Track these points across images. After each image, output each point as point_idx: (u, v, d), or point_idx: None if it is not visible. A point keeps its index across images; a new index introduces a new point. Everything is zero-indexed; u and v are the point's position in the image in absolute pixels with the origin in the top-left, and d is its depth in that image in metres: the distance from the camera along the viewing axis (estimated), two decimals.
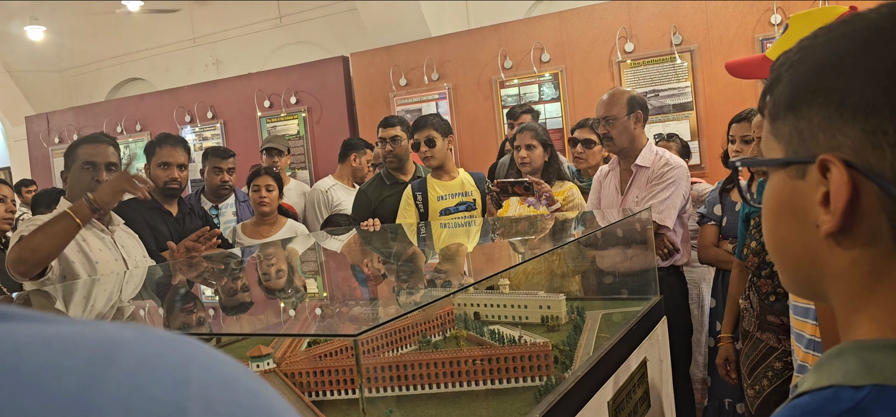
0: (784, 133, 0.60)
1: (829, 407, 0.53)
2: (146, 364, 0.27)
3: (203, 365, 0.28)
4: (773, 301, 2.32)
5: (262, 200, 3.39)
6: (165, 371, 0.27)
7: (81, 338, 0.27)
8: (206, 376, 0.28)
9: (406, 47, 5.69)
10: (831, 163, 0.55)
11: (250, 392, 0.29)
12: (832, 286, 0.60)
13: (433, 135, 3.23)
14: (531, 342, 1.96)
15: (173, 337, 0.30)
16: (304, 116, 6.12)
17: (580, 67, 5.14)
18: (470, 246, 2.82)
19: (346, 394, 1.70)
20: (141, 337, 0.29)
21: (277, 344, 1.94)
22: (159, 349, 0.28)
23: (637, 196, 2.88)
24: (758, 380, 2.34)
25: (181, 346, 0.29)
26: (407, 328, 2.04)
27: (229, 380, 0.29)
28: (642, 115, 2.92)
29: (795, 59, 0.61)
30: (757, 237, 2.36)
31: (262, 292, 2.23)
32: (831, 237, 0.57)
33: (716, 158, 4.48)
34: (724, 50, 4.69)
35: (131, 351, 0.27)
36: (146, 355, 0.27)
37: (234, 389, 0.28)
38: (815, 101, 0.57)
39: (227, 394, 0.28)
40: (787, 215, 0.62)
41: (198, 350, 0.29)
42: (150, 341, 0.29)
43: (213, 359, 0.29)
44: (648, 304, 2.39)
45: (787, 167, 0.61)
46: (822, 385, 0.55)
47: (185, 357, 0.28)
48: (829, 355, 0.57)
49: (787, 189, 0.61)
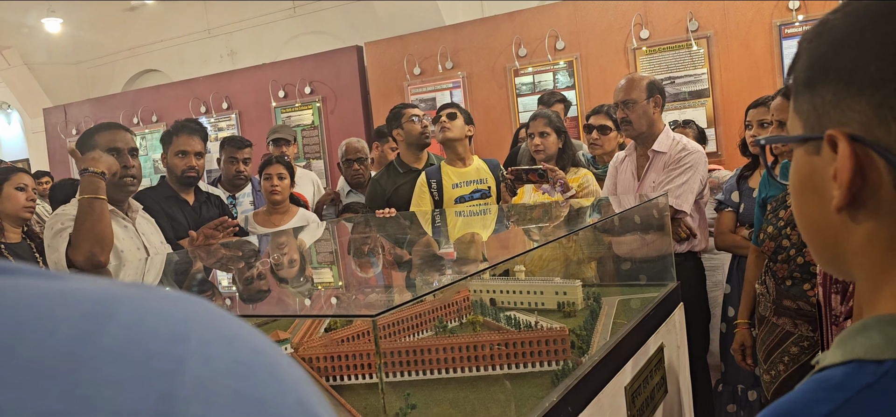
0: (803, 110, 0.61)
1: (851, 381, 0.53)
2: (145, 319, 0.26)
3: (205, 322, 0.28)
4: (789, 285, 2.31)
5: (274, 189, 3.41)
6: (165, 326, 0.26)
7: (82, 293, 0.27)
8: (208, 332, 0.27)
9: (420, 36, 5.68)
10: (837, 138, 0.56)
11: (253, 349, 0.28)
12: (853, 261, 0.60)
13: (456, 111, 3.28)
14: (548, 327, 1.96)
15: (176, 295, 0.29)
16: (318, 106, 6.13)
17: (595, 55, 5.11)
18: (485, 233, 2.82)
19: (364, 379, 1.71)
20: (143, 293, 0.28)
21: (295, 329, 1.95)
22: (160, 305, 0.28)
23: (654, 181, 2.87)
24: (774, 365, 2.33)
25: (183, 303, 0.28)
26: (424, 313, 2.05)
27: (231, 337, 0.28)
28: (661, 100, 2.90)
29: (814, 36, 0.61)
30: (773, 222, 2.34)
31: (279, 278, 2.25)
32: (845, 212, 0.57)
33: (732, 145, 4.45)
34: (741, 36, 4.64)
35: (131, 306, 0.27)
36: (146, 310, 0.27)
37: (237, 346, 0.27)
38: (829, 77, 0.57)
39: (229, 351, 0.27)
40: (808, 192, 0.62)
41: (201, 307, 0.29)
42: (152, 297, 0.28)
43: (217, 317, 0.29)
44: (665, 290, 2.38)
45: (805, 143, 0.61)
46: (844, 360, 0.55)
47: (186, 313, 0.28)
48: (852, 330, 0.57)
49: (807, 165, 0.62)
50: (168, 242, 2.68)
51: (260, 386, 0.27)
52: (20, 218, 3.04)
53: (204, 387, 0.25)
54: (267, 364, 0.28)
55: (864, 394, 0.51)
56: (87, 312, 0.26)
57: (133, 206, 2.54)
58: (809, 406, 0.53)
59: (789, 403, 0.55)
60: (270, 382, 0.27)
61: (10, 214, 3.01)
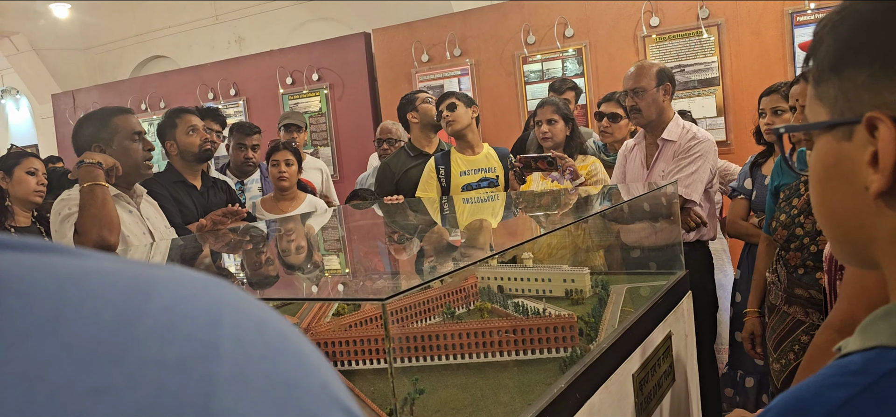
0: (829, 95, 0.60)
1: (872, 367, 0.52)
2: (181, 303, 0.27)
3: (235, 307, 0.29)
4: (801, 274, 2.29)
5: (282, 175, 3.41)
6: (199, 309, 0.27)
7: (120, 273, 0.28)
8: (238, 317, 0.28)
9: (428, 23, 5.66)
10: (879, 121, 0.54)
11: (281, 335, 0.29)
12: (881, 248, 0.59)
13: (454, 100, 3.26)
14: (556, 314, 1.96)
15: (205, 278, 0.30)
16: (326, 93, 6.13)
17: (604, 43, 5.07)
18: (494, 221, 2.82)
19: (373, 364, 1.71)
20: (174, 275, 0.29)
21: (304, 313, 1.95)
22: (193, 288, 0.28)
23: (663, 170, 2.85)
24: (784, 354, 2.32)
25: (213, 287, 0.29)
26: (431, 300, 2.05)
27: (261, 322, 0.29)
28: (671, 88, 2.88)
29: (837, 19, 0.60)
30: (786, 210, 2.33)
31: (287, 264, 2.25)
32: (881, 198, 0.56)
33: (742, 134, 4.42)
34: (752, 24, 4.60)
35: (166, 289, 0.27)
36: (181, 294, 0.28)
37: (266, 331, 0.28)
38: (859, 60, 0.56)
39: (259, 336, 0.28)
40: (834, 180, 0.61)
41: (229, 291, 0.30)
42: (184, 281, 0.29)
43: (245, 301, 0.30)
44: (674, 279, 2.37)
45: (832, 130, 0.60)
46: (867, 347, 0.54)
47: (217, 297, 0.29)
48: (875, 316, 0.56)
49: (834, 152, 0.60)
50: (174, 227, 2.68)
51: (289, 370, 0.28)
52: (30, 202, 3.06)
53: (241, 370, 0.26)
54: (294, 349, 0.29)
55: (886, 381, 0.51)
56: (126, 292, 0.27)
57: (137, 191, 2.54)
58: (829, 391, 0.52)
59: (809, 387, 0.54)
60: (297, 366, 0.28)
61: (20, 198, 3.02)
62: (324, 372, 0.29)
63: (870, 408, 0.50)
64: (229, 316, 0.28)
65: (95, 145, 2.29)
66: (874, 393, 0.51)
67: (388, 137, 4.21)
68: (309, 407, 0.27)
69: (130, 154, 2.34)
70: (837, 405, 0.51)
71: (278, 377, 0.27)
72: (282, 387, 0.27)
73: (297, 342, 0.30)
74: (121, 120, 2.37)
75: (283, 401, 0.26)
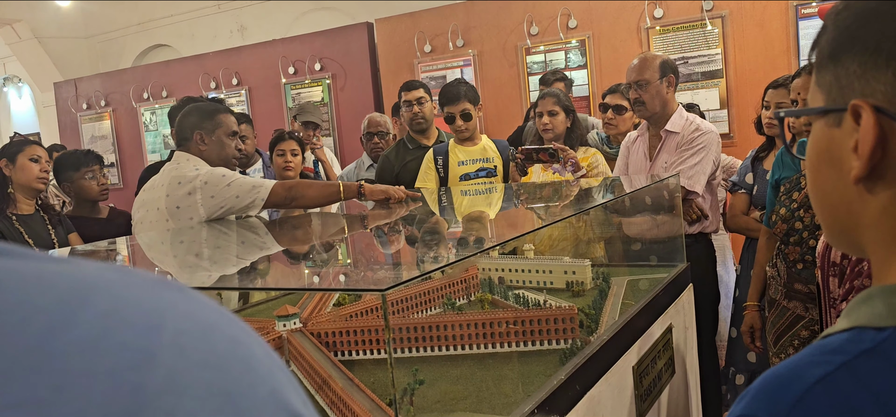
0: (826, 82, 0.61)
1: (849, 347, 0.53)
2: (120, 308, 0.26)
3: (182, 312, 0.27)
4: (800, 269, 2.29)
5: (287, 165, 3.41)
6: (140, 314, 0.26)
7: (59, 277, 0.26)
8: (183, 323, 0.27)
9: (431, 13, 5.64)
10: (861, 108, 0.56)
11: (230, 339, 0.28)
12: (866, 235, 0.60)
13: (468, 108, 3.17)
14: (557, 306, 1.96)
15: (155, 281, 0.29)
16: (328, 83, 6.12)
17: (607, 34, 5.06)
18: (494, 212, 2.82)
19: (372, 354, 1.71)
20: (121, 279, 0.28)
21: (304, 304, 1.96)
22: (137, 292, 0.27)
23: (666, 162, 2.84)
24: (783, 349, 2.32)
25: (161, 290, 0.28)
26: (432, 291, 2.05)
27: (209, 327, 0.28)
28: (674, 80, 2.87)
29: (841, 8, 0.60)
30: (786, 204, 2.32)
31: (289, 253, 2.25)
32: (862, 184, 0.57)
33: (745, 126, 4.41)
34: (757, 17, 4.58)
35: (107, 293, 0.26)
36: (122, 298, 0.27)
37: (212, 337, 0.27)
38: (855, 49, 0.57)
39: (204, 342, 0.27)
40: (825, 165, 0.62)
41: (179, 294, 0.28)
42: (130, 284, 0.28)
43: (195, 304, 0.28)
44: (675, 271, 2.37)
45: (826, 116, 0.61)
46: (847, 327, 0.55)
47: (163, 301, 0.27)
48: (858, 300, 0.57)
49: (826, 138, 0.61)
50: None
51: (233, 378, 0.27)
52: (34, 190, 3.06)
53: (175, 379, 0.25)
54: (242, 355, 0.28)
55: (862, 359, 0.52)
56: (61, 298, 0.25)
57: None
58: (807, 368, 0.54)
59: (787, 366, 0.55)
60: (244, 374, 0.27)
61: (23, 185, 3.02)
62: (275, 378, 0.28)
63: (846, 385, 0.51)
64: (173, 322, 0.27)
65: (198, 132, 2.42)
66: (850, 370, 0.52)
67: (379, 131, 4.10)
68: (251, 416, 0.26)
69: (224, 147, 2.48)
70: (814, 381, 0.52)
71: (219, 385, 0.26)
72: (222, 396, 0.26)
73: (249, 347, 0.28)
74: (225, 117, 2.51)
75: (222, 411, 0.25)
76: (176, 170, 2.37)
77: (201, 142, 2.43)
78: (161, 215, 2.34)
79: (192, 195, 2.31)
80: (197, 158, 2.41)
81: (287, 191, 2.44)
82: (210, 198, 2.31)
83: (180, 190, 2.32)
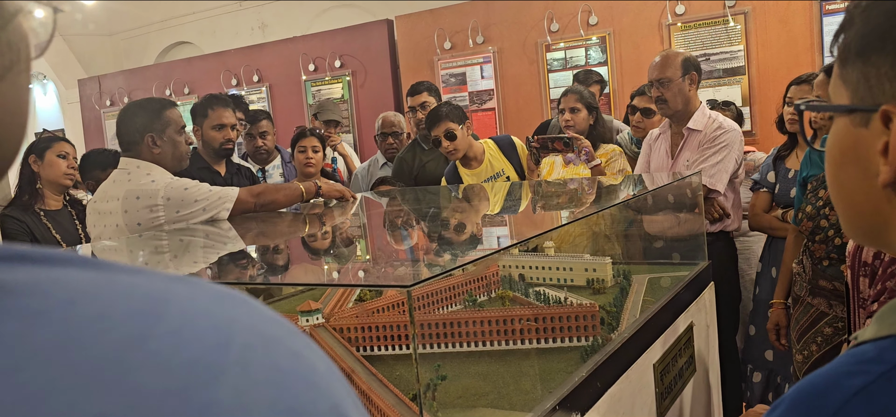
0: (852, 79, 0.59)
1: (886, 356, 0.52)
2: (191, 323, 0.27)
3: (247, 326, 0.28)
4: (826, 266, 2.27)
5: (309, 161, 3.43)
6: (209, 329, 0.27)
7: (133, 289, 0.28)
8: (249, 337, 0.28)
9: (451, 10, 5.64)
10: (893, 114, 0.55)
11: (292, 354, 0.29)
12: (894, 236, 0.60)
13: (451, 126, 3.06)
14: (578, 303, 1.96)
15: (222, 293, 0.30)
16: (348, 80, 6.15)
17: (628, 31, 5.03)
18: (516, 210, 2.82)
19: (395, 350, 1.73)
20: (191, 291, 0.29)
21: (327, 299, 1.98)
22: (206, 305, 0.28)
23: (688, 159, 2.83)
24: (806, 345, 2.31)
25: (228, 303, 0.29)
26: (453, 287, 2.06)
27: (272, 340, 0.28)
28: (697, 77, 2.86)
29: (871, 2, 0.59)
30: (812, 201, 2.30)
31: (311, 249, 2.27)
32: (891, 187, 0.57)
33: (767, 124, 4.37)
34: (780, 13, 4.53)
35: (179, 307, 0.27)
36: (193, 311, 0.28)
37: (276, 352, 0.28)
38: (886, 49, 0.56)
39: (268, 358, 0.28)
40: (849, 163, 0.61)
41: (244, 307, 0.29)
42: (198, 297, 0.29)
43: (259, 318, 0.29)
44: (696, 269, 2.36)
45: (851, 114, 0.60)
46: (881, 335, 0.54)
47: (230, 315, 0.28)
48: (890, 307, 0.56)
49: (851, 136, 0.60)
50: None
51: (295, 395, 0.28)
52: (61, 186, 3.12)
53: (242, 397, 0.26)
54: (304, 371, 0.29)
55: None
56: (138, 310, 0.27)
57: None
58: (845, 379, 0.53)
59: (824, 376, 0.55)
60: (306, 390, 0.28)
61: (51, 181, 3.08)
62: (335, 392, 0.29)
63: (885, 396, 0.50)
64: (239, 336, 0.27)
65: (148, 135, 2.34)
66: (889, 381, 0.51)
67: (393, 131, 4.07)
68: None
69: (177, 146, 2.41)
70: (853, 392, 0.51)
71: (283, 403, 0.27)
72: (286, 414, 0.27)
73: (311, 360, 0.29)
74: (172, 113, 2.43)
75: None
76: (129, 183, 2.27)
77: (153, 144, 2.32)
78: (120, 232, 2.24)
79: (153, 211, 2.23)
80: (148, 163, 2.30)
81: (255, 196, 2.44)
82: (176, 213, 2.24)
83: (139, 204, 2.22)
